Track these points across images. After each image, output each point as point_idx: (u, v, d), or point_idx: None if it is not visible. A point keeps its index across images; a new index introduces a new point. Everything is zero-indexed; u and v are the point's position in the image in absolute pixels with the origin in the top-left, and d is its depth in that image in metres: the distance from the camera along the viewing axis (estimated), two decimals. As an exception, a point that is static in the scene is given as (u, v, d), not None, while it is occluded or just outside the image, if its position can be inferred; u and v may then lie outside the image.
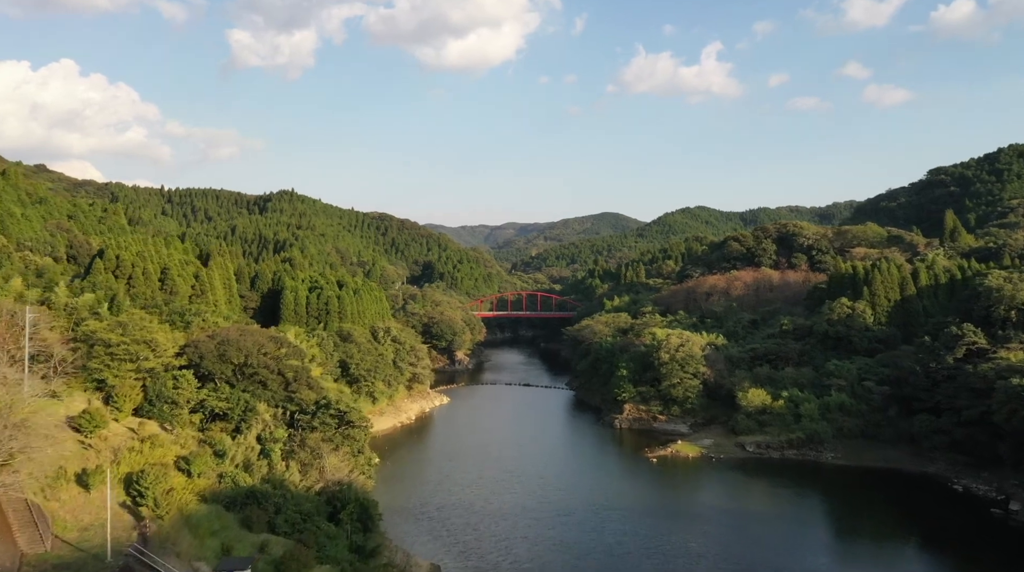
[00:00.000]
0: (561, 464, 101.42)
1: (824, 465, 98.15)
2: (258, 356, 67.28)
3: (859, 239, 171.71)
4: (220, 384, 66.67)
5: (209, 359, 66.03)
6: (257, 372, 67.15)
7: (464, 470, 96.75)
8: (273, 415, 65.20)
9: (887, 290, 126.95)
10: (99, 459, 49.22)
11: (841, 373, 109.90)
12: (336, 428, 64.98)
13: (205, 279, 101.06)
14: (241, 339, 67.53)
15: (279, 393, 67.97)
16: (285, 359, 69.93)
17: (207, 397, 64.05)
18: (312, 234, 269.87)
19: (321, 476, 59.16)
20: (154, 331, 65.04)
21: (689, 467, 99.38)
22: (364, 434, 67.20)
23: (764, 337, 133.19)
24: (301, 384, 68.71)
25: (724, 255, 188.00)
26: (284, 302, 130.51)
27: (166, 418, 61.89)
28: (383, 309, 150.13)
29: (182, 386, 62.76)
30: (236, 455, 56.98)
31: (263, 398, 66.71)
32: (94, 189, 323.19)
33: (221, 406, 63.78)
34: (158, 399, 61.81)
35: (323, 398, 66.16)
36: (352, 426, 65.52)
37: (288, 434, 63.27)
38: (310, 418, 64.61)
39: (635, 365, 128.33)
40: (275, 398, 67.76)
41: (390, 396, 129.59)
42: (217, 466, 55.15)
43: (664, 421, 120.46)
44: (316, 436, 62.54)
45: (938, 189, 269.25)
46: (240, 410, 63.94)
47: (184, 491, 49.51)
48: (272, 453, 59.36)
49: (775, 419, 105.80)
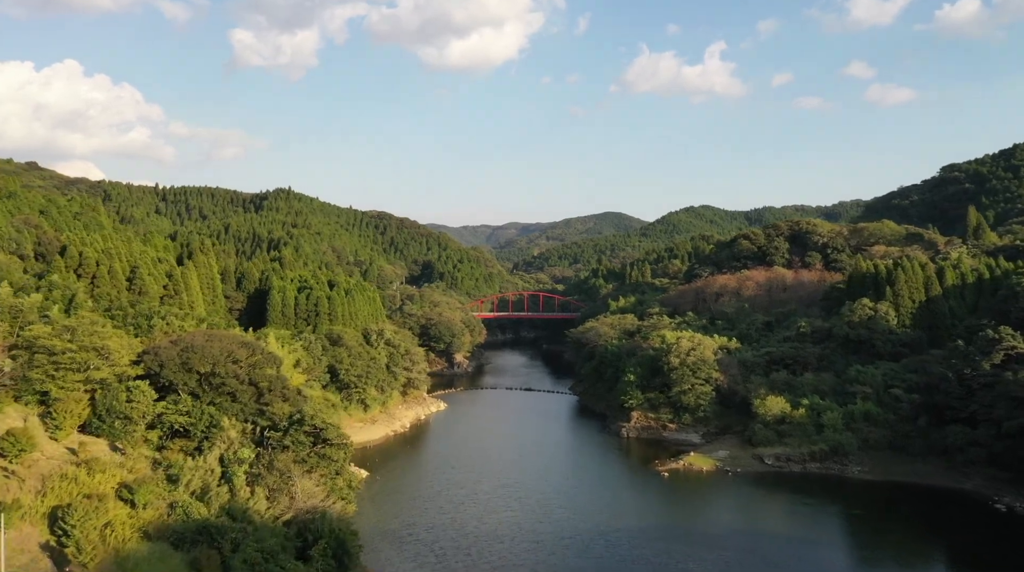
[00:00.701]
0: (564, 478, 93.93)
1: (849, 480, 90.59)
2: (226, 364, 59.95)
3: (876, 237, 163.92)
4: (183, 396, 59.40)
5: (170, 368, 58.73)
6: (225, 382, 59.81)
7: (459, 484, 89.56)
8: (241, 431, 57.81)
9: (911, 290, 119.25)
10: (22, 490, 41.89)
11: (865, 379, 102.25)
12: (311, 447, 57.58)
13: (179, 278, 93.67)
14: (208, 345, 60.21)
15: (250, 406, 60.65)
16: (258, 367, 62.58)
17: (166, 411, 56.79)
18: (308, 233, 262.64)
19: (292, 503, 51.78)
20: (107, 336, 57.73)
21: (703, 482, 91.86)
22: (343, 453, 59.83)
23: (780, 340, 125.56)
24: (275, 396, 61.35)
25: (734, 254, 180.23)
26: (271, 303, 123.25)
27: (117, 436, 54.63)
28: (377, 310, 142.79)
29: (137, 399, 55.48)
30: (192, 480, 49.62)
31: (231, 412, 59.39)
32: (87, 187, 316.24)
33: (182, 421, 56.52)
34: (108, 414, 54.57)
35: (297, 412, 58.78)
36: (329, 444, 58.16)
37: (256, 454, 55.87)
38: (281, 435, 57.13)
39: (643, 370, 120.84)
40: (245, 412, 60.43)
41: (383, 403, 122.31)
42: (169, 494, 47.83)
43: (674, 430, 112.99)
44: (287, 456, 55.17)
45: (952, 186, 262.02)
46: (203, 426, 56.69)
47: (124, 527, 42.12)
48: (235, 477, 51.98)
49: (795, 429, 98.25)
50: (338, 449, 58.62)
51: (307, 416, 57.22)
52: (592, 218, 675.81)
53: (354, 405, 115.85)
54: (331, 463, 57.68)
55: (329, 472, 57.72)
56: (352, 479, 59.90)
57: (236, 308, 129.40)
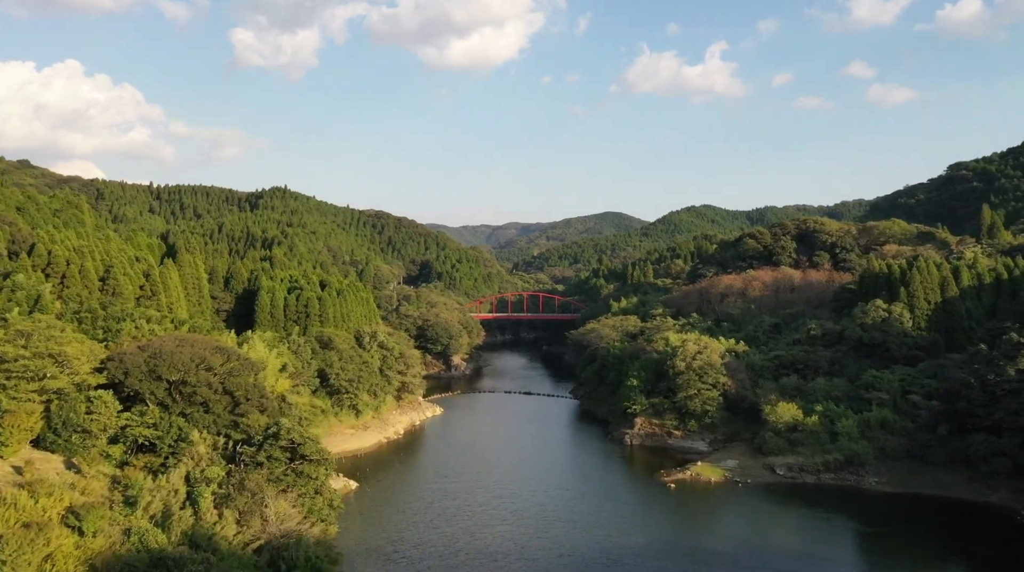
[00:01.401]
0: (564, 489, 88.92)
1: (866, 491, 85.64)
2: (198, 372, 55.05)
3: (886, 236, 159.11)
4: (150, 407, 54.50)
5: (136, 376, 53.84)
6: (197, 391, 54.91)
7: (452, 495, 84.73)
8: (212, 445, 52.89)
9: (926, 291, 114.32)
10: (-48, 517, 37.08)
11: (881, 385, 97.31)
12: (287, 463, 52.63)
13: (157, 279, 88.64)
14: (178, 351, 55.31)
15: (224, 417, 55.73)
16: (234, 375, 57.66)
17: (130, 423, 51.91)
18: (303, 232, 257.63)
19: (264, 527, 46.89)
20: (66, 341, 52.84)
21: (711, 494, 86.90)
22: (324, 469, 54.83)
23: (789, 343, 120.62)
24: (251, 405, 56.42)
25: (739, 253, 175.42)
26: (259, 304, 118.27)
27: (74, 451, 49.76)
28: (370, 311, 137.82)
29: (98, 410, 50.61)
30: (153, 502, 44.72)
31: (203, 424, 54.49)
32: (79, 185, 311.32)
33: (148, 434, 51.64)
34: (65, 427, 49.71)
35: (274, 424, 53.88)
36: (307, 460, 53.22)
37: (227, 471, 50.97)
38: (255, 451, 52.21)
39: (647, 374, 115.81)
40: (218, 424, 55.51)
41: (376, 408, 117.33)
42: (124, 519, 42.93)
43: (680, 437, 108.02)
44: (260, 475, 50.21)
45: (960, 185, 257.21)
46: (171, 440, 51.81)
47: (68, 560, 37.24)
48: (201, 498, 47.04)
49: (808, 437, 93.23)
50: (318, 465, 53.68)
51: (284, 429, 52.23)
52: (592, 218, 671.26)
53: (345, 411, 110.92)
54: (309, 481, 52.72)
55: (308, 491, 52.75)
56: (334, 498, 54.96)
57: (224, 309, 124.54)
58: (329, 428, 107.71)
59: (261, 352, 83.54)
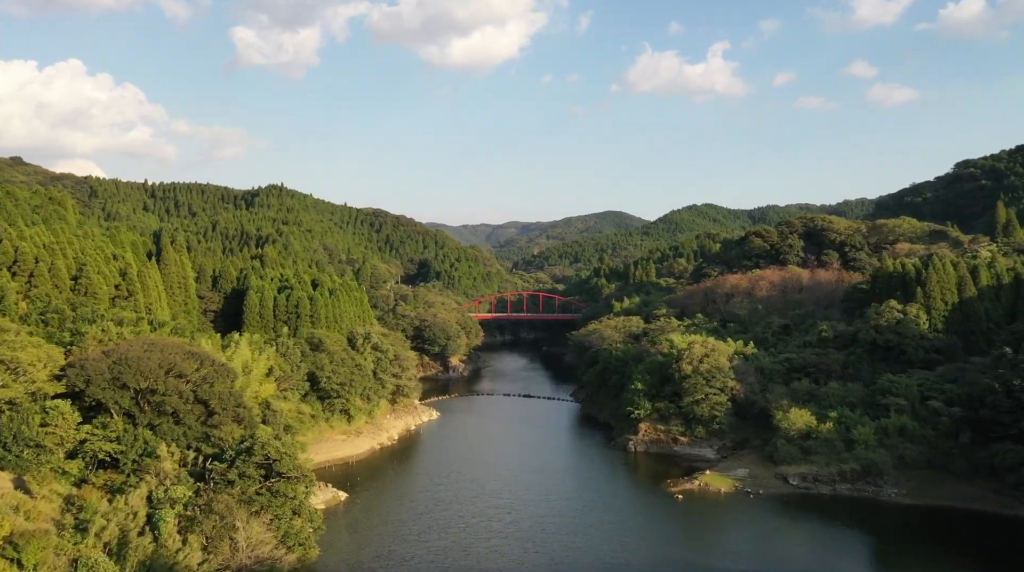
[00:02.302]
0: (564, 499, 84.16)
1: (885, 503, 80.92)
2: (167, 379, 50.38)
3: (896, 234, 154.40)
4: (115, 418, 49.84)
5: (98, 384, 49.20)
6: (166, 401, 50.25)
7: (446, 505, 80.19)
8: (181, 461, 48.22)
9: (943, 291, 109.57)
10: None
11: (899, 390, 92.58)
12: (262, 481, 47.93)
13: (134, 278, 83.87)
14: (146, 356, 50.65)
15: (195, 429, 51.07)
16: (207, 382, 52.99)
17: (90, 437, 47.29)
18: (298, 230, 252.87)
19: (234, 554, 42.26)
20: (20, 346, 48.25)
21: (721, 505, 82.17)
22: (304, 487, 50.07)
23: (799, 345, 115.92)
24: (226, 416, 51.76)
25: (745, 252, 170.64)
26: (247, 304, 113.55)
27: (26, 467, 45.15)
28: (364, 312, 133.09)
29: (54, 422, 45.99)
30: (108, 527, 40.09)
31: (172, 437, 49.84)
32: (73, 183, 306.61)
33: (109, 449, 47.01)
34: (16, 441, 45.07)
35: (249, 437, 49.14)
36: (283, 478, 48.50)
37: (196, 490, 46.28)
38: (226, 467, 47.56)
39: (651, 377, 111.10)
40: (188, 436, 50.86)
41: (369, 413, 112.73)
42: (73, 547, 38.35)
43: (686, 444, 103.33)
44: (231, 494, 45.53)
45: (967, 183, 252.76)
46: (135, 454, 47.19)
47: (1, 597, 32.76)
48: (163, 522, 42.35)
49: (822, 445, 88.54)
50: (296, 483, 48.98)
51: (258, 444, 47.52)
52: (593, 217, 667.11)
53: (337, 416, 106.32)
54: (286, 500, 47.99)
55: (284, 512, 48.03)
56: (314, 517, 50.23)
57: (211, 309, 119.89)
58: (320, 434, 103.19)
59: (246, 355, 78.87)
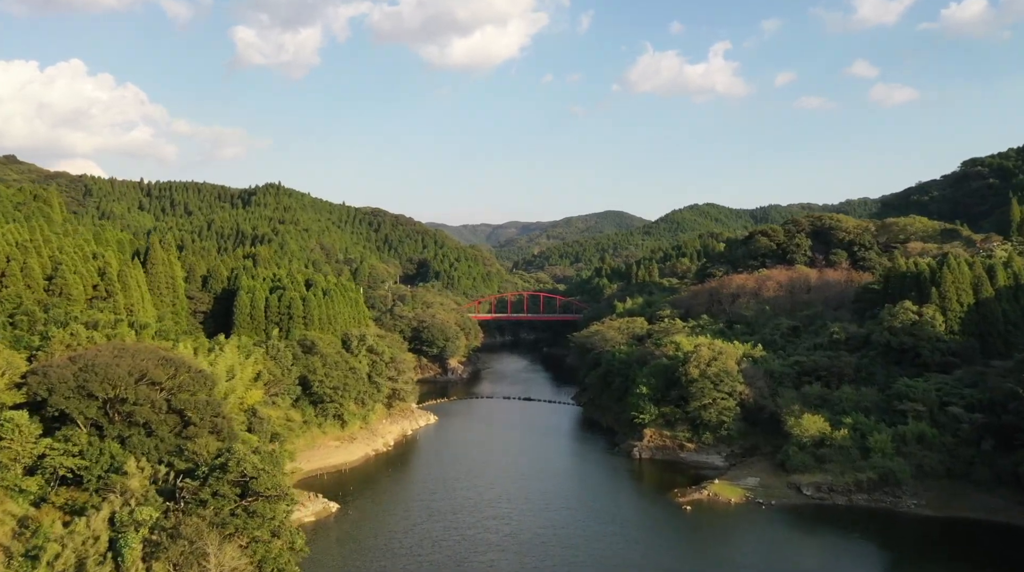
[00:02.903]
0: (566, 509, 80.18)
1: (903, 514, 77.04)
2: (137, 388, 46.45)
3: (907, 233, 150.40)
4: (79, 430, 45.87)
5: (62, 392, 45.29)
6: (135, 411, 46.30)
7: (441, 516, 76.45)
8: (151, 477, 44.24)
9: (959, 292, 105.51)
10: None
11: (916, 395, 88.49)
12: (237, 500, 43.88)
13: (114, 278, 79.87)
14: (115, 363, 46.72)
15: (169, 442, 47.13)
16: (183, 391, 49.02)
17: (50, 451, 43.39)
18: (295, 229, 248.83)
19: (204, 583, 38.43)
20: (-24, 353, 44.45)
21: (732, 517, 78.16)
22: (284, 506, 46.01)
23: (809, 348, 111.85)
24: (202, 428, 47.81)
25: (750, 252, 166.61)
26: (238, 305, 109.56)
27: (-21, 485, 41.37)
28: (359, 313, 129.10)
29: (10, 435, 42.07)
30: (63, 554, 36.17)
31: (143, 450, 45.90)
32: (67, 181, 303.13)
33: (70, 465, 43.12)
34: (-33, 457, 41.30)
35: (225, 452, 45.10)
36: (261, 498, 44.51)
37: (165, 510, 42.29)
38: (198, 486, 43.53)
39: (656, 381, 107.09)
40: (160, 449, 46.91)
41: (364, 417, 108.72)
42: (22, 578, 34.50)
43: (693, 450, 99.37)
44: (203, 516, 41.51)
45: (975, 181, 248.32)
46: (100, 470, 43.30)
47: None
48: (127, 548, 38.43)
49: (836, 453, 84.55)
50: (275, 502, 45.00)
51: (233, 460, 43.50)
52: (593, 217, 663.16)
53: (330, 421, 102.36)
54: (264, 521, 43.97)
55: (262, 534, 43.98)
56: (296, 539, 46.23)
57: (201, 310, 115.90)
58: (312, 440, 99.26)
59: (231, 359, 74.90)
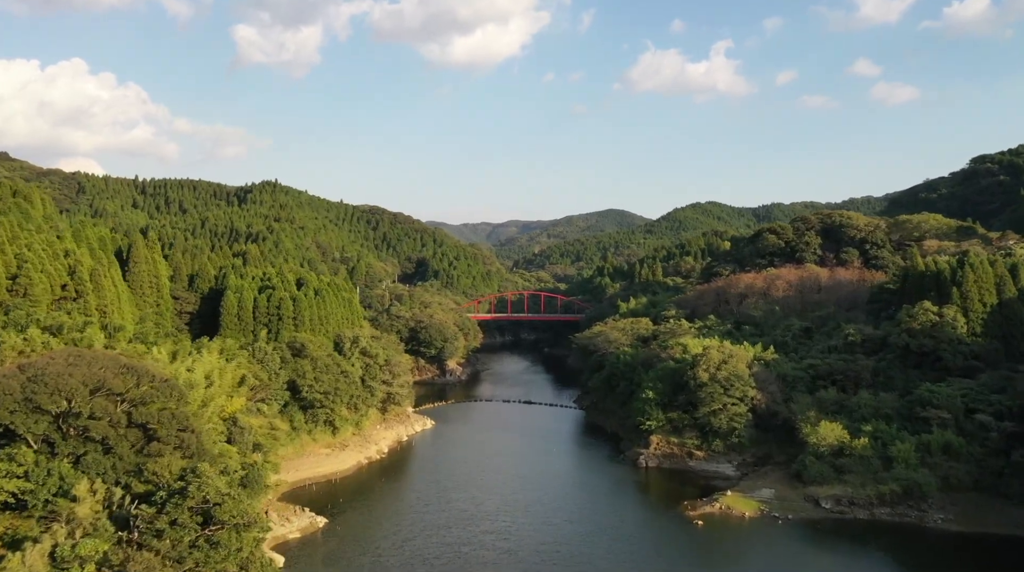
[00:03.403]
0: (568, 523, 75.22)
1: (930, 530, 72.04)
2: (93, 400, 41.55)
3: (922, 230, 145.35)
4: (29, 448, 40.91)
5: (7, 406, 40.38)
6: (91, 426, 41.41)
7: (434, 530, 71.87)
8: (105, 500, 39.30)
9: (982, 292, 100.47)
10: None
11: (940, 401, 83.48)
12: (199, 529, 38.86)
13: (85, 277, 74.92)
14: (68, 372, 41.84)
15: (128, 460, 42.22)
16: (146, 402, 44.09)
17: (-10, 472, 38.54)
18: (290, 227, 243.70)
19: (156, 627, 33.50)
20: (-92, 362, 39.53)
21: (746, 533, 73.17)
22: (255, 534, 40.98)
23: (823, 350, 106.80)
24: (168, 444, 42.91)
25: (758, 250, 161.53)
26: (224, 306, 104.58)
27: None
28: (353, 313, 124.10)
29: (-56, 456, 37.19)
30: (-10, 598, 31.39)
31: (98, 470, 41.00)
32: (60, 178, 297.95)
33: (13, 488, 38.23)
34: None
35: (189, 472, 40.08)
36: (225, 527, 39.51)
37: (118, 540, 37.33)
38: (155, 513, 38.46)
39: (663, 385, 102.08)
40: (118, 469, 42.01)
41: (356, 423, 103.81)
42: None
43: (703, 458, 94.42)
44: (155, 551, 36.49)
45: (984, 178, 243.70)
46: (48, 493, 38.45)
47: None
48: (67, 587, 33.68)
49: (857, 463, 79.54)
50: (242, 531, 40.02)
51: (194, 484, 38.50)
52: (594, 215, 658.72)
53: (320, 428, 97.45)
54: (230, 553, 38.99)
55: (228, 566, 39.08)
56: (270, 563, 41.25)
57: (187, 311, 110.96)
58: (301, 448, 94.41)
59: (210, 364, 69.88)
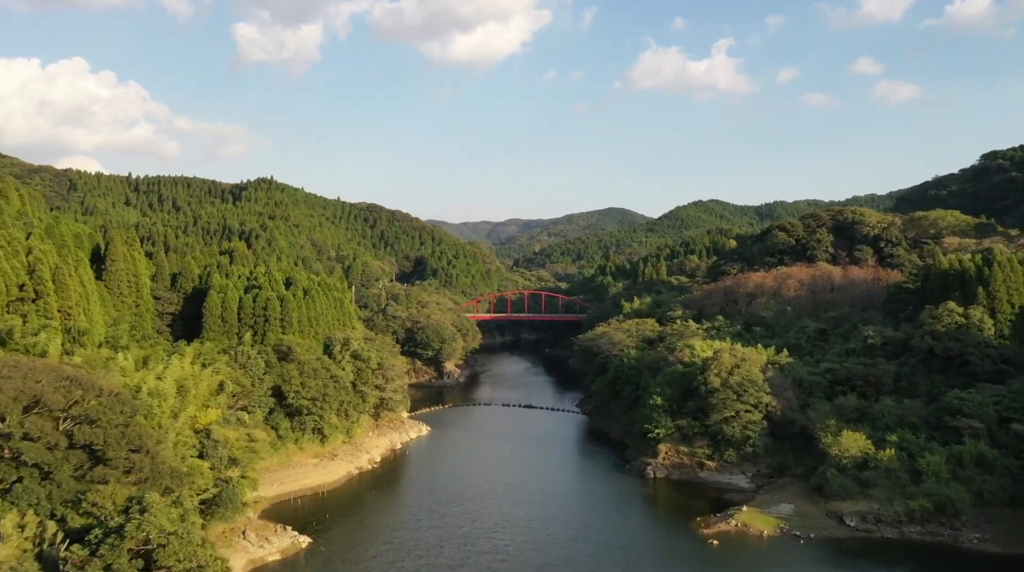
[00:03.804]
0: (572, 541, 69.41)
1: (965, 551, 66.25)
2: (27, 419, 35.90)
3: (939, 228, 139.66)
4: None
5: (-75, 426, 34.78)
6: (24, 449, 35.78)
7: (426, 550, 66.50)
8: (34, 538, 33.68)
9: (1010, 292, 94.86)
10: None
11: (971, 409, 77.69)
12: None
13: (45, 276, 69.11)
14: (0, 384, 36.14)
15: (68, 488, 36.61)
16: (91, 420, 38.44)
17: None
18: (285, 225, 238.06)
19: None
20: None
21: (765, 553, 67.35)
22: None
23: (840, 354, 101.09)
24: (115, 467, 37.26)
25: (767, 248, 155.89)
26: (208, 307, 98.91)
27: None
28: (345, 314, 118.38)
29: None
30: None
31: (31, 500, 35.37)
32: (51, 175, 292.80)
33: (-74, 523, 32.75)
34: None
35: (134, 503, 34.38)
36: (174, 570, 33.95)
37: (44, 586, 31.84)
38: (88, 556, 32.80)
39: (672, 390, 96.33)
40: (55, 499, 36.37)
41: (347, 431, 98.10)
42: None
43: (714, 469, 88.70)
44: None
45: (996, 175, 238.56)
46: (-33, 529, 32.92)
47: None
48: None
49: (882, 477, 73.75)
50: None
51: (133, 522, 32.88)
52: (595, 214, 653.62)
53: (308, 436, 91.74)
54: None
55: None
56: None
57: (169, 312, 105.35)
58: (287, 458, 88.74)
59: (181, 371, 64.18)
